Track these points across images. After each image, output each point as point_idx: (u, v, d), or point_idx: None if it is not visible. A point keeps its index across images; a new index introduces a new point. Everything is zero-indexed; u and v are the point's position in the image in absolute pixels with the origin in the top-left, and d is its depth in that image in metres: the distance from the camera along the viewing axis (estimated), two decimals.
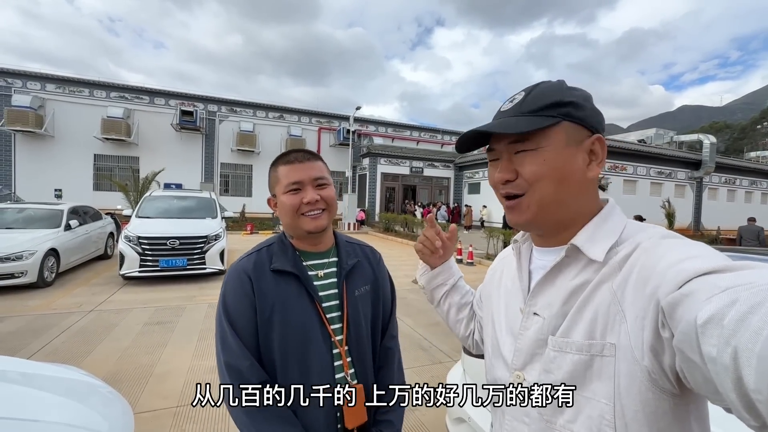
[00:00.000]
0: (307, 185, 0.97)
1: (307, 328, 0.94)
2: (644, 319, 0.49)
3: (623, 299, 0.53)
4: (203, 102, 21.62)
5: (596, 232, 0.61)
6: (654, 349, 0.48)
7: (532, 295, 0.66)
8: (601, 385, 0.54)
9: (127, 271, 6.50)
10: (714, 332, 0.38)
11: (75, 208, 7.96)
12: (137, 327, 4.48)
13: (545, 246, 0.69)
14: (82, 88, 19.44)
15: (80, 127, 18.91)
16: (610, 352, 0.53)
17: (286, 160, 1.00)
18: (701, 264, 0.45)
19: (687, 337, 0.41)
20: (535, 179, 0.61)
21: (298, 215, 0.96)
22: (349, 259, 1.06)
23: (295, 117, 23.82)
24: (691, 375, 0.44)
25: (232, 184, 22.39)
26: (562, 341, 0.59)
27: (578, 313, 0.58)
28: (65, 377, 1.55)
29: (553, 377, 0.59)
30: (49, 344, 3.87)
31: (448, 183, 24.11)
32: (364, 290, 1.06)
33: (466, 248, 10.31)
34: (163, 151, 20.31)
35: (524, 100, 0.63)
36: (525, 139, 0.61)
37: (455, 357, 3.93)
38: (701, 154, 20.24)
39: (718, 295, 0.40)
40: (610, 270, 0.57)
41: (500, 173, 0.64)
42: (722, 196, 22.08)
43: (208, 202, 8.46)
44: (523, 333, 0.66)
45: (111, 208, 12.32)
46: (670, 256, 0.49)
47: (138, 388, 3.04)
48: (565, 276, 0.62)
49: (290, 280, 0.96)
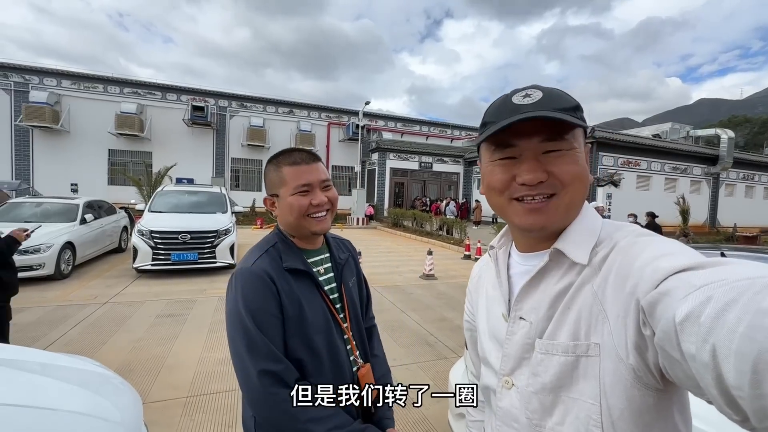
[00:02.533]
0: (316, 187, 1.00)
1: (328, 323, 1.01)
2: (626, 317, 0.50)
3: (604, 299, 0.54)
4: (214, 97, 21.82)
5: (577, 235, 0.61)
6: (638, 347, 0.49)
7: (517, 300, 0.66)
8: (586, 385, 0.55)
9: (140, 265, 6.66)
10: (692, 330, 0.39)
11: (90, 203, 8.16)
12: (150, 319, 4.60)
13: (528, 251, 0.69)
14: (96, 84, 19.78)
15: (95, 122, 19.29)
16: (595, 352, 0.54)
17: (291, 161, 1.00)
18: (676, 261, 0.46)
19: (667, 336, 0.42)
20: (570, 181, 0.59)
21: (305, 217, 0.99)
22: (340, 254, 1.14)
23: (304, 112, 23.89)
24: (674, 371, 0.45)
25: (242, 178, 22.62)
26: (549, 344, 0.59)
27: (563, 315, 0.59)
28: (80, 368, 1.61)
29: (541, 380, 0.60)
30: (65, 335, 4.01)
31: (457, 178, 23.98)
32: (353, 282, 1.15)
33: (475, 244, 10.28)
34: (175, 146, 20.59)
35: (549, 97, 0.59)
36: (560, 138, 0.59)
37: (460, 353, 3.94)
38: (718, 149, 19.70)
39: (693, 293, 0.41)
40: (591, 271, 0.57)
41: (531, 173, 0.59)
42: (740, 192, 21.50)
43: (219, 197, 8.59)
44: (510, 338, 0.66)
45: (125, 203, 12.57)
46: (646, 254, 0.50)
47: (150, 378, 3.13)
48: (549, 280, 0.62)
49: (303, 278, 1.00)
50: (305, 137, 22.74)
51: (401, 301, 5.84)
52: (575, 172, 0.59)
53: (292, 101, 23.70)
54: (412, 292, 6.41)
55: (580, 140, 0.61)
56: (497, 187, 0.63)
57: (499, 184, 0.62)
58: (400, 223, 17.04)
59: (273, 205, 1.04)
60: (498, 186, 0.63)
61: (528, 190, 0.60)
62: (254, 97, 22.84)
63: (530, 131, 0.59)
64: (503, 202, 0.63)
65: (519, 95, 0.61)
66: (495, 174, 0.63)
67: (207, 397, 2.88)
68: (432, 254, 7.85)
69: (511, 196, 0.62)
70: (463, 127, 28.74)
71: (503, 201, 0.63)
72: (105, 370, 1.71)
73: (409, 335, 4.42)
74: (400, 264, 8.97)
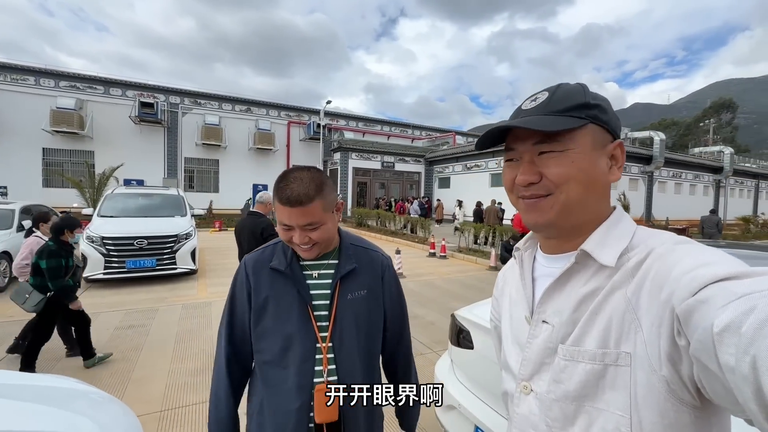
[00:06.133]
0: (297, 229, 0.97)
1: (292, 324, 1.01)
2: (660, 326, 0.48)
3: (638, 307, 0.52)
4: (164, 93, 20.56)
5: (606, 238, 0.59)
6: (671, 358, 0.47)
7: (540, 303, 0.64)
8: (615, 395, 0.52)
9: (90, 274, 6.17)
10: (731, 340, 0.37)
11: (27, 207, 7.42)
12: (107, 332, 4.29)
13: (553, 252, 0.67)
14: (26, 76, 17.95)
15: (26, 118, 17.50)
16: (625, 362, 0.52)
17: (282, 196, 0.95)
18: (717, 270, 0.44)
19: (703, 346, 0.40)
20: (562, 181, 0.59)
21: (291, 243, 1.02)
22: (347, 263, 1.08)
23: (263, 110, 23.19)
24: (710, 385, 0.43)
25: (197, 179, 21.54)
26: (574, 350, 0.57)
27: (590, 320, 0.56)
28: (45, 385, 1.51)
29: (564, 387, 0.57)
30: (7, 356, 3.63)
31: (419, 177, 24.41)
32: (359, 294, 1.08)
33: (439, 242, 10.56)
34: (121, 145, 19.18)
35: (550, 99, 0.61)
36: (552, 140, 0.59)
37: (435, 348, 4.08)
38: (652, 149, 21.68)
39: (734, 302, 0.39)
40: (624, 276, 0.55)
41: (523, 175, 0.61)
42: (670, 189, 23.79)
43: (176, 199, 8.15)
44: (531, 342, 0.64)
45: (66, 207, 11.53)
46: (685, 263, 0.48)
47: (116, 394, 2.94)
48: (575, 283, 0.61)
49: (284, 278, 1.04)
50: (264, 136, 22.11)
51: None
52: (565, 173, 0.58)
53: (249, 99, 22.93)
54: None
55: (582, 140, 0.59)
56: (507, 187, 0.66)
57: (507, 183, 0.66)
58: (364, 222, 17.07)
59: None
60: (507, 185, 0.66)
61: (524, 190, 0.62)
62: (209, 93, 21.80)
63: (525, 135, 0.61)
64: (514, 200, 0.66)
65: (529, 99, 0.64)
66: (504, 175, 0.67)
67: (183, 409, 2.76)
68: (400, 253, 7.98)
69: (517, 195, 0.65)
70: (424, 127, 29.33)
71: (514, 199, 0.66)
72: (84, 386, 1.61)
73: None
74: None
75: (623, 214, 0.64)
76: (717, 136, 52.92)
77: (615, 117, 0.63)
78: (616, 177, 0.62)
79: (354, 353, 1.06)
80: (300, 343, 1.01)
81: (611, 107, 0.63)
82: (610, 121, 0.61)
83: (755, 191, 31.20)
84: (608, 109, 0.62)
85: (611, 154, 0.62)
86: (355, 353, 1.06)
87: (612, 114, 0.62)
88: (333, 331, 1.04)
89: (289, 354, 1.01)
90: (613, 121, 0.62)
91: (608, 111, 0.61)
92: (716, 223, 11.07)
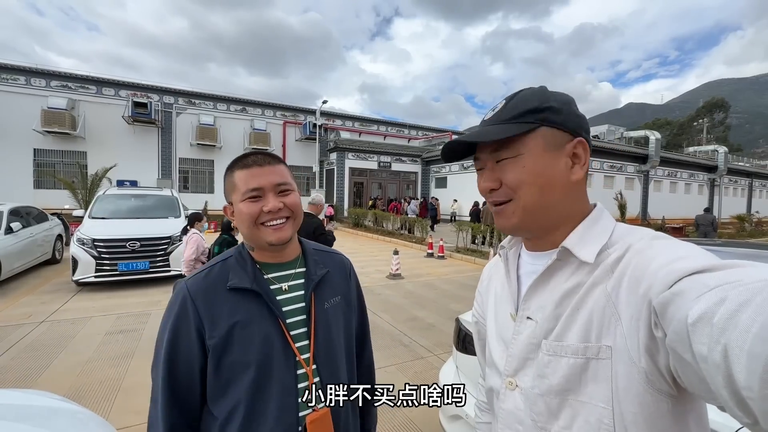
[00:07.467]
0: (268, 192, 0.86)
1: (267, 352, 0.84)
2: (638, 320, 0.49)
3: (618, 301, 0.53)
4: (158, 93, 20.28)
5: (586, 235, 0.61)
6: (649, 350, 0.49)
7: (525, 299, 0.65)
8: (597, 388, 0.54)
9: (81, 277, 6.02)
10: (704, 330, 0.39)
11: (16, 209, 7.25)
12: (98, 337, 4.16)
13: (535, 250, 0.68)
14: (17, 76, 17.60)
15: (16, 119, 17.15)
16: (606, 355, 0.53)
17: (242, 164, 0.88)
18: (691, 263, 0.45)
19: (679, 336, 0.42)
20: (517, 186, 0.61)
21: (258, 225, 0.86)
22: (317, 269, 0.96)
23: (258, 110, 22.98)
24: (685, 374, 0.44)
25: (192, 180, 21.30)
26: (557, 345, 0.59)
27: (572, 315, 0.58)
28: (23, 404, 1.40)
29: (548, 382, 0.59)
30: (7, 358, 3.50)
31: (415, 177, 24.35)
32: (335, 301, 0.97)
33: (437, 242, 10.49)
34: (114, 145, 18.88)
35: (504, 108, 0.64)
36: (505, 147, 0.62)
37: (436, 351, 3.99)
38: (648, 149, 21.78)
39: (707, 293, 0.40)
40: (604, 272, 0.57)
41: (484, 182, 0.65)
42: (665, 187, 23.93)
43: (170, 200, 8.01)
44: (515, 338, 0.66)
45: (57, 208, 11.35)
46: (662, 257, 0.50)
47: (105, 404, 2.83)
48: (557, 279, 0.62)
49: (250, 298, 0.85)
50: (260, 136, 21.91)
51: (371, 302, 5.80)
52: (518, 178, 0.61)
53: (244, 99, 22.69)
54: (380, 293, 6.39)
55: (532, 144, 0.60)
56: (482, 194, 0.68)
57: (480, 191, 0.68)
58: (361, 222, 16.98)
59: (232, 214, 0.91)
60: (481, 193, 0.68)
61: (489, 197, 0.66)
62: (203, 93, 21.56)
63: (484, 144, 0.64)
64: (489, 206, 0.69)
65: (491, 109, 0.67)
66: (478, 183, 0.68)
67: None
68: (398, 254, 7.89)
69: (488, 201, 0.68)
70: (420, 127, 29.24)
71: (490, 205, 0.68)
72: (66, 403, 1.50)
73: (383, 337, 4.39)
74: (366, 264, 8.91)
75: (603, 212, 0.65)
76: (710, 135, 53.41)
77: (574, 115, 0.63)
78: (579, 175, 0.62)
79: (339, 371, 0.93)
80: (279, 372, 0.84)
81: (570, 106, 0.63)
82: (565, 121, 0.61)
83: (749, 190, 31.48)
84: (563, 108, 0.62)
85: (572, 153, 0.62)
86: (339, 371, 0.94)
87: (568, 113, 0.62)
88: (315, 350, 0.89)
89: (265, 390, 0.83)
90: (569, 121, 0.62)
91: (562, 110, 0.62)
92: (711, 222, 11.10)
